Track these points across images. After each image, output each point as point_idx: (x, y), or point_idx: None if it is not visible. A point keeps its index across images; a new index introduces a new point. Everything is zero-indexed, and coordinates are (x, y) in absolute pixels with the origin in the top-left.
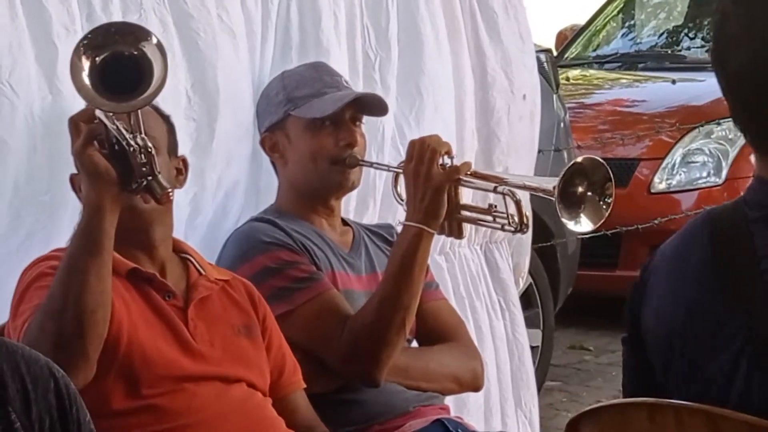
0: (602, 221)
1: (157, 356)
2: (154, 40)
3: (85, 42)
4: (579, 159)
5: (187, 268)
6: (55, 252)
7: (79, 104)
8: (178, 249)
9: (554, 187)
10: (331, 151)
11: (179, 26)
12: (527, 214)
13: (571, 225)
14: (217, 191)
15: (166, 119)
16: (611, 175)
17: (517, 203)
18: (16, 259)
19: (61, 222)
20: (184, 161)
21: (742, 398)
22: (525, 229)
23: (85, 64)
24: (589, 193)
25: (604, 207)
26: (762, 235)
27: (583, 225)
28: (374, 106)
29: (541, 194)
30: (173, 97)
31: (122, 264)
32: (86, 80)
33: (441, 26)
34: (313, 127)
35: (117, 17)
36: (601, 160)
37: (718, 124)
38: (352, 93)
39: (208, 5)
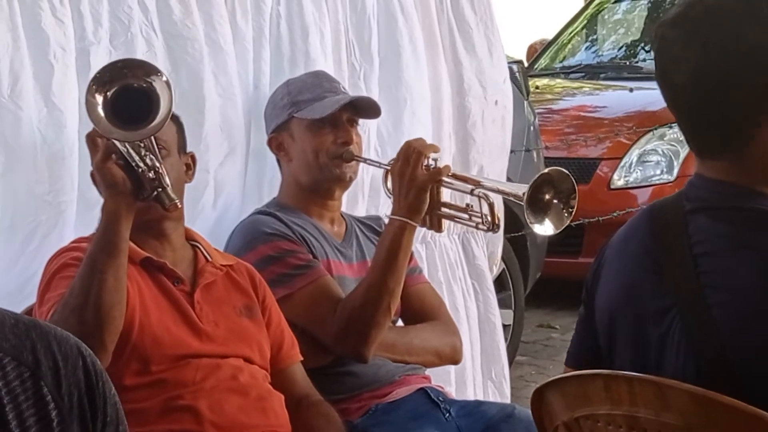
0: (563, 228)
1: (167, 337)
2: (164, 78)
3: (96, 79)
4: (547, 170)
5: (195, 255)
6: (76, 242)
7: (71, 115)
8: (189, 237)
9: (524, 194)
10: (330, 148)
11: (168, 43)
12: (499, 215)
13: (536, 228)
14: (216, 189)
15: (175, 120)
16: (576, 188)
17: (491, 205)
18: (29, 252)
19: (65, 218)
20: (193, 157)
21: (675, 369)
22: (496, 229)
23: (99, 99)
24: (555, 201)
25: (566, 215)
26: (696, 223)
27: (546, 228)
28: (368, 109)
29: (512, 198)
30: None
31: (137, 253)
32: (101, 113)
33: (419, 40)
34: (314, 127)
35: (106, 39)
36: (567, 173)
37: (670, 127)
38: (348, 96)
39: (197, 24)
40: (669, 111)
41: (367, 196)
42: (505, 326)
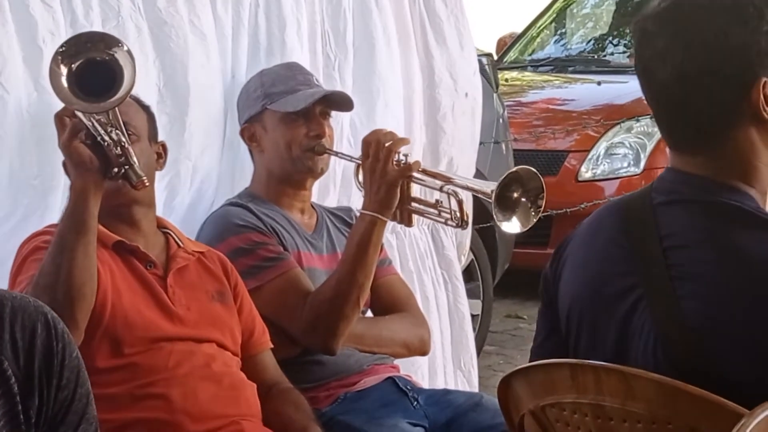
0: (530, 226)
1: (139, 319)
2: (125, 48)
3: (61, 51)
4: (516, 169)
5: (167, 241)
6: (49, 228)
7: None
8: (160, 225)
9: (492, 191)
10: (303, 141)
11: (153, 31)
12: (468, 212)
13: (503, 225)
14: (194, 177)
15: (146, 109)
16: (544, 188)
17: (459, 202)
18: (14, 236)
19: (50, 203)
20: (164, 146)
21: (644, 358)
22: (465, 226)
23: (63, 70)
24: (523, 199)
25: (533, 213)
26: (667, 216)
27: (513, 226)
28: (341, 102)
29: (480, 196)
30: (146, 93)
31: (109, 237)
32: (64, 84)
33: (392, 32)
34: (287, 119)
35: (97, 24)
36: (536, 172)
37: (638, 120)
38: (322, 90)
39: (180, 12)
40: (636, 104)
41: (339, 186)
42: (473, 316)
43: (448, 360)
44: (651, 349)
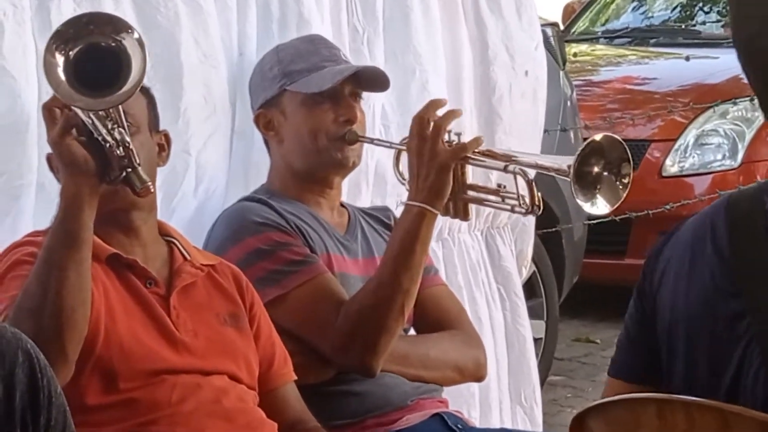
0: (620, 202)
1: (137, 348)
2: (135, 35)
3: (56, 36)
4: (596, 137)
5: (171, 253)
6: (33, 236)
7: (27, 83)
8: (163, 232)
9: (569, 167)
10: (330, 128)
11: (137, 0)
12: (539, 194)
13: (587, 207)
14: (198, 175)
15: (145, 92)
16: (629, 155)
17: (529, 183)
18: None
19: (23, 205)
20: (166, 136)
21: (748, 395)
22: (537, 211)
23: (59, 59)
24: (606, 173)
25: (621, 188)
26: None
27: (599, 207)
28: (375, 81)
29: (555, 174)
30: None
31: (103, 249)
32: (62, 76)
33: None
34: (311, 102)
35: None
36: (618, 138)
37: (735, 103)
38: (351, 67)
39: None
40: (733, 84)
41: (372, 184)
42: (536, 340)
43: (504, 393)
44: (761, 385)
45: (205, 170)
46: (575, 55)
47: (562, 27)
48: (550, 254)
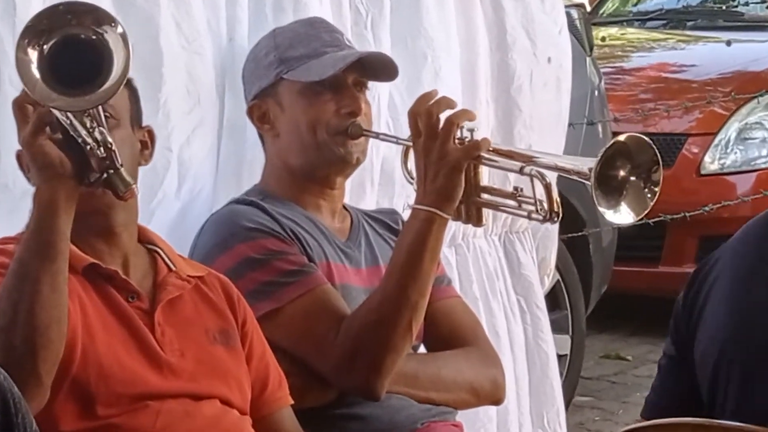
0: (646, 212)
1: (117, 370)
2: (119, 29)
3: (29, 28)
4: (621, 137)
5: (154, 263)
6: (1, 244)
7: None
8: (145, 239)
9: (591, 170)
10: (331, 120)
11: None
12: (558, 199)
13: (609, 215)
14: (180, 173)
15: (128, 84)
16: (659, 158)
17: (547, 187)
18: None
19: None
20: (150, 133)
21: None
22: (555, 218)
23: (32, 55)
24: (633, 178)
25: (649, 195)
26: None
27: (623, 215)
28: (381, 68)
29: (575, 177)
30: None
31: (79, 259)
32: (36, 74)
33: None
34: (310, 92)
35: None
36: (647, 139)
37: None
38: (355, 53)
39: None
40: None
41: (377, 184)
42: (560, 357)
43: (525, 415)
44: None
45: (188, 168)
46: (603, 39)
47: (588, 8)
48: (575, 261)
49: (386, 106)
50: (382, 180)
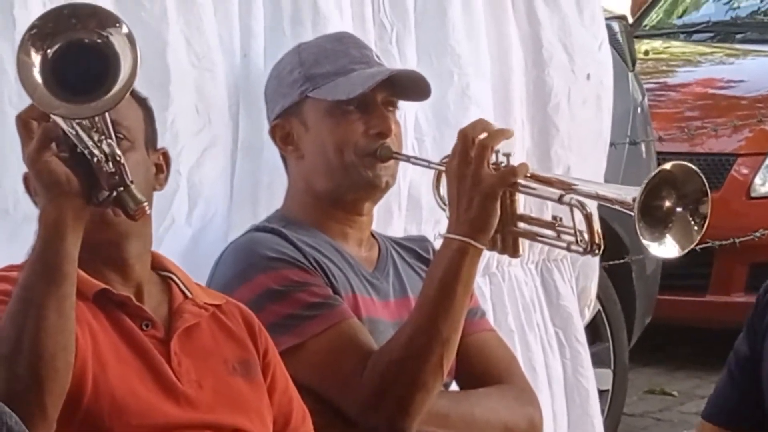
0: (693, 246)
1: (132, 402)
2: (124, 29)
3: (32, 32)
4: (667, 166)
5: (169, 290)
6: (5, 272)
7: None
8: (159, 266)
9: (634, 200)
10: (360, 142)
11: None
12: (599, 231)
13: (653, 248)
14: (191, 197)
15: (142, 103)
16: (707, 189)
17: (588, 217)
18: None
19: None
20: (165, 155)
21: None
22: (597, 250)
23: (35, 58)
24: (679, 209)
25: (696, 228)
26: None
27: (668, 248)
28: (413, 87)
29: (618, 207)
30: None
31: (88, 284)
32: (38, 79)
33: None
34: (338, 111)
35: None
36: (695, 168)
37: None
38: (385, 70)
39: None
40: None
41: (405, 209)
42: (601, 392)
43: None
44: None
45: (199, 192)
46: (647, 53)
47: (630, 20)
48: (617, 291)
49: (412, 125)
50: (409, 205)
